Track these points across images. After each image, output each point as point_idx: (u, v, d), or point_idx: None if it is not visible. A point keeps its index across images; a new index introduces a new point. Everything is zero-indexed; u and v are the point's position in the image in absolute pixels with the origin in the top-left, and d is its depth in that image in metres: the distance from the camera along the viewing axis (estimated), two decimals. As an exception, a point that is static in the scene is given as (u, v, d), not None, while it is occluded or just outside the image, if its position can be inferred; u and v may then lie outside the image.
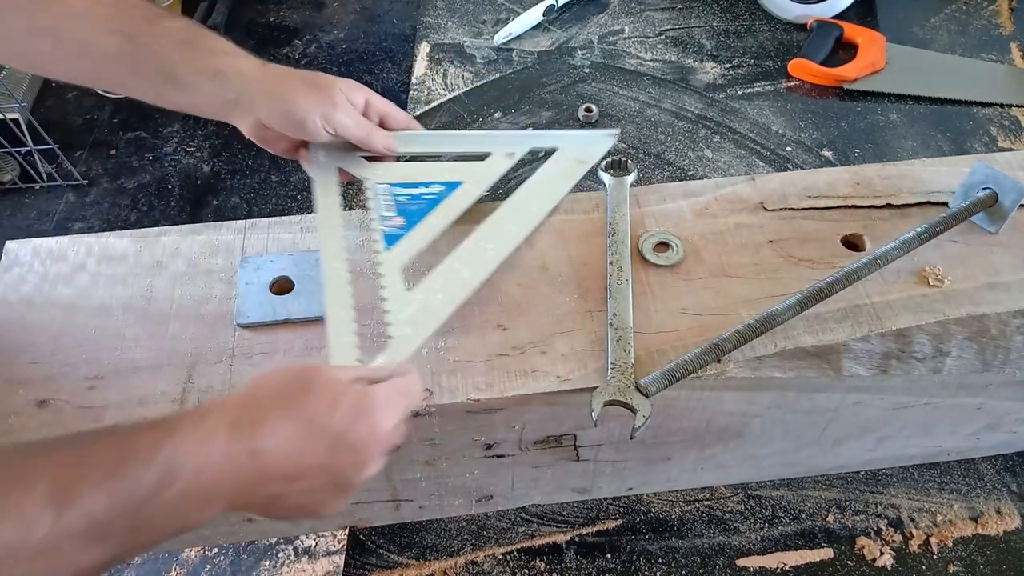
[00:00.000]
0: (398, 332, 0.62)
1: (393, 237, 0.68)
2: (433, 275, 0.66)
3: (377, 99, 0.72)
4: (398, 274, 0.66)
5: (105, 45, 0.61)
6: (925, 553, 0.79)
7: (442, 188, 0.72)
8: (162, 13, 0.63)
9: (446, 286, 0.65)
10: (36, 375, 0.63)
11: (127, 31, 0.61)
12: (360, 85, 0.71)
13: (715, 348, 0.61)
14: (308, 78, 0.67)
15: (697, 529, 0.82)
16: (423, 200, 0.71)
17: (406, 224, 0.69)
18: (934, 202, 0.76)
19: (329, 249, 0.68)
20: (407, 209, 0.70)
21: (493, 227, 0.70)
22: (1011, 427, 0.80)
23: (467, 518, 0.82)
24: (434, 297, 0.64)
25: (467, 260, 0.67)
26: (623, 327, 0.64)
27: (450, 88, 1.23)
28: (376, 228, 0.69)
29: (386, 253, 0.67)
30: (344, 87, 0.69)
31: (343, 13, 1.45)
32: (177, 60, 0.63)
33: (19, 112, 1.07)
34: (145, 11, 0.62)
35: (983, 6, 1.40)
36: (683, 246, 0.71)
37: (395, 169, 0.74)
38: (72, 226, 1.12)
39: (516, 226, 0.71)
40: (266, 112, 0.66)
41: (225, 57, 0.64)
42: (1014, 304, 0.68)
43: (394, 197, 0.71)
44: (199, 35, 0.64)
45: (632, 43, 1.31)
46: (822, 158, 1.13)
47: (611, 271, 0.69)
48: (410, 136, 0.75)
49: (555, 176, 0.76)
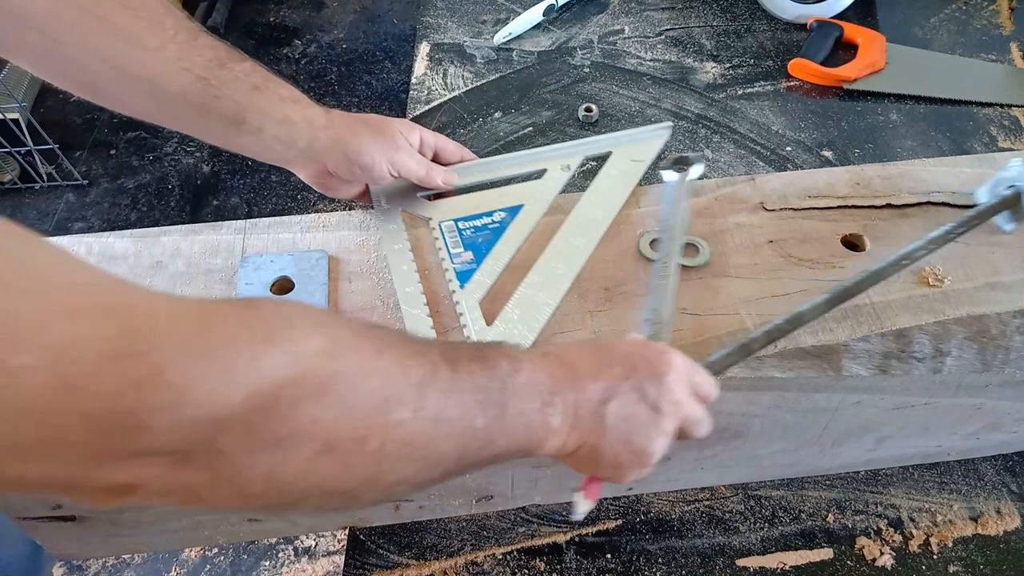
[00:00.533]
0: None
1: (466, 274, 0.69)
2: (510, 304, 0.67)
3: (429, 135, 0.74)
4: (476, 310, 0.66)
5: (174, 84, 0.60)
6: (925, 553, 0.79)
7: (504, 215, 0.73)
8: (232, 55, 0.63)
9: (524, 314, 0.66)
10: (36, 375, 0.63)
11: (199, 72, 0.60)
12: (413, 124, 0.73)
13: (743, 348, 0.61)
14: (370, 123, 0.69)
15: (697, 529, 0.82)
16: (488, 230, 0.72)
17: (475, 258, 0.70)
18: (934, 202, 0.76)
19: (407, 295, 0.67)
20: (474, 243, 0.71)
21: (561, 244, 0.71)
22: (1011, 427, 0.80)
23: (467, 518, 0.82)
24: (514, 328, 0.65)
25: (540, 284, 0.68)
26: (660, 322, 0.64)
27: (450, 88, 1.23)
28: (448, 267, 0.69)
29: (462, 292, 0.68)
30: (402, 128, 0.71)
31: (343, 13, 1.45)
32: (246, 105, 0.63)
33: (19, 112, 1.07)
34: (217, 53, 0.62)
35: (983, 6, 1.40)
36: (710, 248, 0.71)
37: (457, 203, 0.75)
38: (72, 226, 1.12)
39: (584, 240, 0.71)
40: (333, 160, 0.68)
41: (293, 105, 0.65)
42: (1014, 304, 0.68)
43: (459, 232, 0.72)
44: (268, 80, 0.64)
45: (632, 43, 1.31)
46: (822, 158, 1.13)
47: (656, 267, 0.68)
48: (465, 167, 0.76)
49: (614, 181, 0.76)
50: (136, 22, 0.58)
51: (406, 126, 0.72)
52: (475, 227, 0.73)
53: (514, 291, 0.68)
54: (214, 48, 0.62)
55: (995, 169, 0.79)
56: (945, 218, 0.75)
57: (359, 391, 0.38)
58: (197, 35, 0.61)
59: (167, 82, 0.60)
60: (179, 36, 0.60)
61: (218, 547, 0.81)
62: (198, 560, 0.81)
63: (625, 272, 0.70)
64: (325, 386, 0.37)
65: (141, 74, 0.59)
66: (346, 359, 0.38)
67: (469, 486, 0.76)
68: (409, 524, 0.82)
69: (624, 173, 0.77)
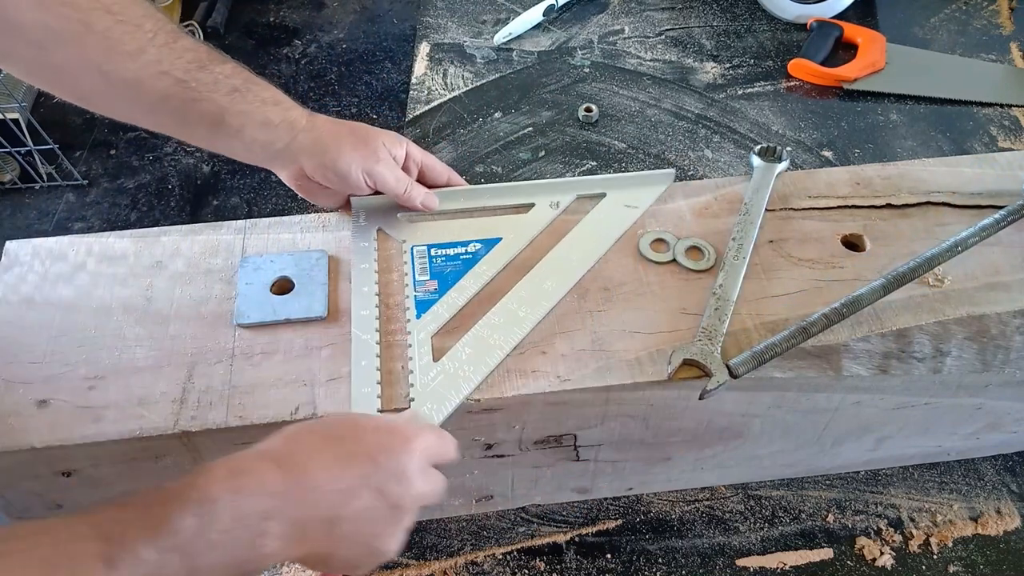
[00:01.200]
0: (420, 408, 0.60)
1: (426, 304, 0.66)
2: (462, 342, 0.64)
3: (417, 151, 0.72)
4: (427, 344, 0.64)
5: (154, 88, 0.60)
6: (925, 553, 0.79)
7: (479, 247, 0.70)
8: (214, 57, 0.62)
9: (474, 354, 0.63)
10: (36, 375, 0.63)
11: (178, 75, 0.60)
12: (401, 137, 0.72)
13: (802, 331, 0.63)
14: (354, 130, 0.68)
15: (697, 529, 0.82)
16: (459, 261, 0.70)
17: (439, 288, 0.67)
18: (934, 202, 0.76)
19: (360, 319, 0.65)
20: (442, 272, 0.69)
21: (528, 287, 0.68)
22: (1011, 427, 0.80)
23: (467, 518, 0.82)
24: (460, 368, 0.62)
25: (498, 325, 0.65)
26: (726, 298, 0.66)
27: (450, 88, 1.23)
28: (409, 295, 0.67)
29: (416, 322, 0.65)
30: (387, 140, 0.69)
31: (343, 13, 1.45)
32: (227, 107, 0.62)
33: (19, 112, 1.07)
34: (197, 55, 0.61)
35: (983, 6, 1.39)
36: (714, 251, 0.71)
37: (434, 229, 0.72)
38: (72, 226, 1.12)
39: (554, 284, 0.68)
40: (310, 164, 0.67)
41: (275, 108, 0.65)
42: (1014, 304, 0.68)
43: (429, 259, 0.70)
44: (249, 83, 0.64)
45: (632, 43, 1.31)
46: (822, 158, 1.13)
47: (732, 245, 0.70)
48: (450, 193, 0.74)
49: (601, 226, 0.73)
50: (115, 26, 0.57)
51: (392, 139, 0.70)
52: (446, 256, 0.70)
53: (470, 329, 0.65)
54: (194, 50, 0.61)
55: (995, 169, 0.79)
56: (945, 218, 0.75)
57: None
58: (177, 37, 0.61)
59: (146, 86, 0.60)
60: (158, 39, 0.59)
61: (218, 547, 0.81)
62: (198, 560, 0.81)
63: (625, 272, 0.70)
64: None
65: (121, 78, 0.59)
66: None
67: (469, 486, 0.76)
68: (409, 524, 0.82)
69: (614, 218, 0.73)
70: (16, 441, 0.59)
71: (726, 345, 0.64)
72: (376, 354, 0.63)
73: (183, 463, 0.63)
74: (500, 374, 0.63)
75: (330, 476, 0.47)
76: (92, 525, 0.39)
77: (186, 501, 0.41)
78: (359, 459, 0.48)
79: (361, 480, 0.47)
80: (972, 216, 0.74)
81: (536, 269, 0.69)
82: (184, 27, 0.97)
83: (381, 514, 0.48)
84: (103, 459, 0.61)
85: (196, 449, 0.62)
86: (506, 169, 1.11)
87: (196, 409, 0.61)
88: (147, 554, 0.39)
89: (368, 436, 0.50)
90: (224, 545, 0.42)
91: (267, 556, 0.44)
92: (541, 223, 0.73)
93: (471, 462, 0.71)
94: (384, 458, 0.49)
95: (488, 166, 1.12)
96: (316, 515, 0.46)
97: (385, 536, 0.49)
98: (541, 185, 0.76)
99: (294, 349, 0.65)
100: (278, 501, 0.44)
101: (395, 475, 0.49)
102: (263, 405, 0.61)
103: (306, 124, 0.66)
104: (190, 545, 0.40)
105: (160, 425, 0.60)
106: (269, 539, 0.43)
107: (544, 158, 1.12)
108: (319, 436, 0.49)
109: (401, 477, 0.49)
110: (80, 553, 0.38)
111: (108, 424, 0.60)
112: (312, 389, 0.62)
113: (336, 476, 0.47)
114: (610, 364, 0.64)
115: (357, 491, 0.47)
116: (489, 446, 0.69)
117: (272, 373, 0.63)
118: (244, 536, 0.43)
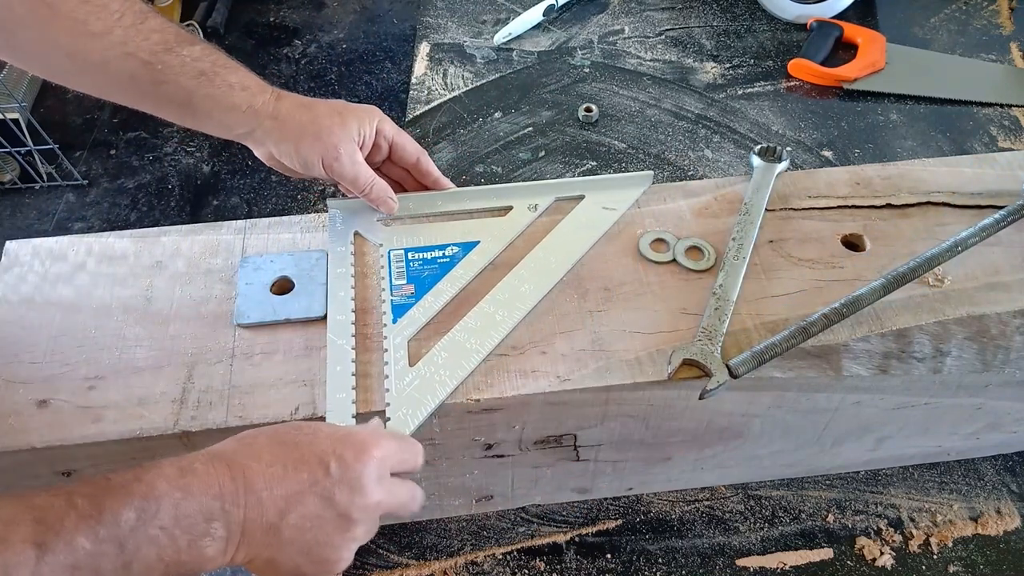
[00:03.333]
0: (395, 413, 0.60)
1: (401, 308, 0.66)
2: (438, 346, 0.64)
3: (389, 126, 0.71)
4: (403, 348, 0.63)
5: (120, 69, 0.60)
6: (925, 553, 0.79)
7: (457, 250, 0.70)
8: (182, 38, 0.62)
9: (451, 359, 0.63)
10: (36, 375, 0.63)
11: (144, 57, 0.60)
12: (374, 111, 0.70)
13: (802, 331, 0.63)
14: (316, 119, 0.66)
15: (697, 529, 0.82)
16: (436, 264, 0.69)
17: (416, 292, 0.67)
18: (934, 202, 0.76)
19: (336, 323, 0.65)
20: (419, 276, 0.68)
21: (506, 290, 0.67)
22: (1011, 427, 0.80)
23: (467, 518, 0.82)
24: (436, 373, 0.62)
25: (475, 329, 0.65)
26: (725, 298, 0.66)
27: (450, 88, 1.23)
28: (386, 299, 0.67)
29: (393, 327, 0.65)
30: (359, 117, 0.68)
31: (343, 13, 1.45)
32: (193, 91, 0.62)
33: (19, 112, 1.07)
34: (164, 36, 0.61)
35: (983, 6, 1.40)
36: (714, 251, 0.71)
37: (411, 233, 0.72)
38: (72, 226, 1.12)
39: (531, 287, 0.68)
40: (276, 149, 0.67)
41: (242, 93, 0.64)
42: (1014, 304, 0.68)
43: (407, 263, 0.69)
44: (217, 65, 0.63)
45: (632, 43, 1.31)
46: (822, 158, 1.13)
47: (732, 245, 0.70)
48: (428, 196, 0.74)
49: (579, 228, 0.72)
50: (81, 6, 0.57)
51: (363, 115, 0.68)
52: (423, 260, 0.69)
53: (447, 333, 0.64)
54: (161, 31, 0.60)
55: (995, 169, 0.79)
56: (945, 218, 0.75)
57: None
58: (145, 18, 0.60)
59: (113, 67, 0.59)
60: (124, 19, 0.59)
61: (218, 547, 0.81)
62: (198, 560, 0.81)
63: (625, 272, 0.70)
64: None
65: (88, 60, 0.59)
66: None
67: (469, 486, 0.76)
68: (409, 524, 0.82)
69: (592, 220, 0.73)
70: (16, 441, 0.59)
71: (726, 345, 0.64)
72: (352, 360, 0.63)
73: (183, 463, 0.63)
74: (500, 374, 0.63)
75: (276, 480, 0.46)
76: (28, 508, 0.39)
77: (130, 494, 0.41)
78: (309, 465, 0.47)
79: (308, 486, 0.46)
80: (972, 216, 0.74)
81: (514, 272, 0.69)
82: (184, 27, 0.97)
83: (327, 522, 0.47)
84: (103, 459, 0.61)
85: (196, 449, 0.62)
86: (506, 169, 1.11)
87: (196, 409, 0.61)
88: (82, 542, 0.39)
89: (322, 443, 0.48)
90: (163, 543, 0.41)
91: (208, 559, 0.43)
92: (519, 226, 0.73)
93: (471, 462, 0.71)
94: (336, 465, 0.48)
95: (488, 166, 1.12)
96: (260, 519, 0.45)
97: (331, 545, 0.48)
98: (519, 188, 0.76)
99: (294, 349, 0.65)
100: (223, 503, 0.44)
101: (347, 483, 0.48)
102: (263, 405, 0.61)
103: (272, 111, 0.65)
104: (127, 538, 0.40)
105: (160, 425, 0.60)
106: (211, 541, 0.43)
107: (544, 158, 1.12)
108: (273, 440, 0.48)
109: (353, 485, 0.48)
110: (11, 535, 0.37)
111: (108, 424, 0.60)
112: (312, 389, 0.62)
113: (282, 480, 0.46)
114: (610, 364, 0.64)
115: (303, 497, 0.46)
116: (489, 446, 0.69)
117: (272, 373, 0.63)
118: (184, 536, 0.42)
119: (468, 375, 0.62)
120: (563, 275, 0.69)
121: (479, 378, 0.63)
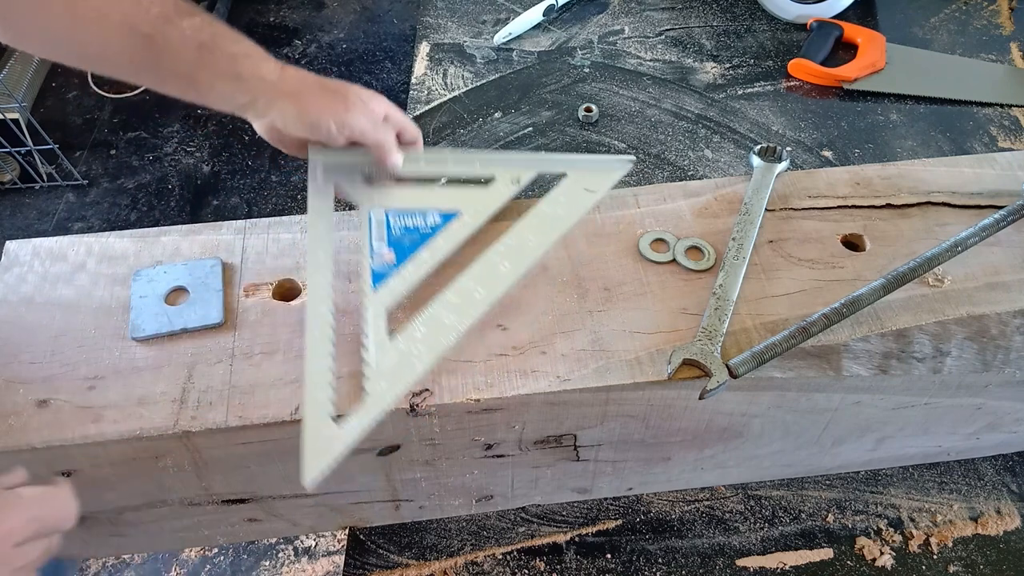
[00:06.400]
0: (373, 387, 0.59)
1: (381, 275, 0.65)
2: (417, 321, 0.63)
3: (396, 111, 0.70)
4: (382, 318, 0.62)
5: (121, 45, 0.60)
6: (925, 553, 0.79)
7: (438, 219, 0.69)
8: (181, 9, 0.61)
9: (428, 334, 0.62)
10: (36, 375, 0.63)
11: (145, 31, 0.59)
12: (379, 95, 0.69)
13: (802, 331, 0.63)
14: (324, 83, 0.66)
15: (697, 529, 0.82)
16: (417, 233, 0.68)
17: (396, 260, 0.66)
18: (934, 202, 0.76)
19: (315, 287, 0.64)
20: (400, 243, 0.67)
21: (486, 267, 0.67)
22: (1011, 427, 0.80)
23: (467, 518, 0.82)
24: (415, 347, 0.61)
25: (454, 305, 0.64)
26: (725, 298, 0.66)
27: (450, 88, 1.23)
28: (365, 265, 0.66)
29: (372, 294, 0.64)
30: (364, 94, 0.67)
31: (343, 13, 1.45)
32: (194, 62, 0.62)
33: (19, 112, 1.07)
34: (163, 9, 0.60)
35: (983, 6, 1.40)
36: (714, 251, 0.71)
37: (393, 195, 0.70)
38: (72, 226, 1.12)
39: (511, 266, 0.67)
40: (280, 117, 0.65)
41: (245, 60, 0.63)
42: (1014, 304, 0.68)
43: (388, 227, 0.68)
44: (218, 35, 0.63)
45: (632, 43, 1.31)
46: (822, 158, 1.13)
47: (732, 246, 0.70)
48: (410, 156, 0.71)
49: (559, 208, 0.72)
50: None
51: (369, 94, 0.67)
52: (405, 227, 0.68)
53: (426, 307, 0.64)
54: (161, 4, 0.60)
55: (995, 169, 0.79)
56: (945, 218, 0.75)
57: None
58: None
59: (115, 45, 0.59)
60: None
61: (218, 547, 0.81)
62: (198, 560, 0.81)
63: (625, 272, 0.70)
64: None
65: (88, 35, 0.59)
66: None
67: (469, 486, 0.76)
68: (409, 524, 0.82)
69: (573, 201, 0.72)
70: (16, 441, 0.59)
71: (726, 345, 0.64)
72: (331, 327, 0.62)
73: (183, 463, 0.63)
74: (500, 374, 0.63)
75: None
76: None
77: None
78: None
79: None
80: (972, 216, 0.74)
81: (493, 249, 0.68)
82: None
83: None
84: (103, 459, 0.61)
85: (196, 449, 0.62)
86: (506, 169, 1.11)
87: (196, 409, 0.61)
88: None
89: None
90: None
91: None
92: (500, 199, 0.71)
93: (471, 462, 0.71)
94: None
95: (488, 166, 1.12)
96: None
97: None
98: (503, 158, 0.75)
99: (294, 349, 0.65)
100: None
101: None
102: (263, 405, 0.61)
103: (277, 77, 0.65)
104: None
105: (160, 425, 0.60)
106: None
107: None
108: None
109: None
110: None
111: (108, 424, 0.60)
112: (312, 389, 0.62)
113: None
114: (610, 364, 0.64)
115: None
116: (489, 446, 0.69)
117: (272, 373, 0.63)
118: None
119: (445, 351, 0.62)
120: (541, 255, 0.69)
121: (479, 378, 0.63)
